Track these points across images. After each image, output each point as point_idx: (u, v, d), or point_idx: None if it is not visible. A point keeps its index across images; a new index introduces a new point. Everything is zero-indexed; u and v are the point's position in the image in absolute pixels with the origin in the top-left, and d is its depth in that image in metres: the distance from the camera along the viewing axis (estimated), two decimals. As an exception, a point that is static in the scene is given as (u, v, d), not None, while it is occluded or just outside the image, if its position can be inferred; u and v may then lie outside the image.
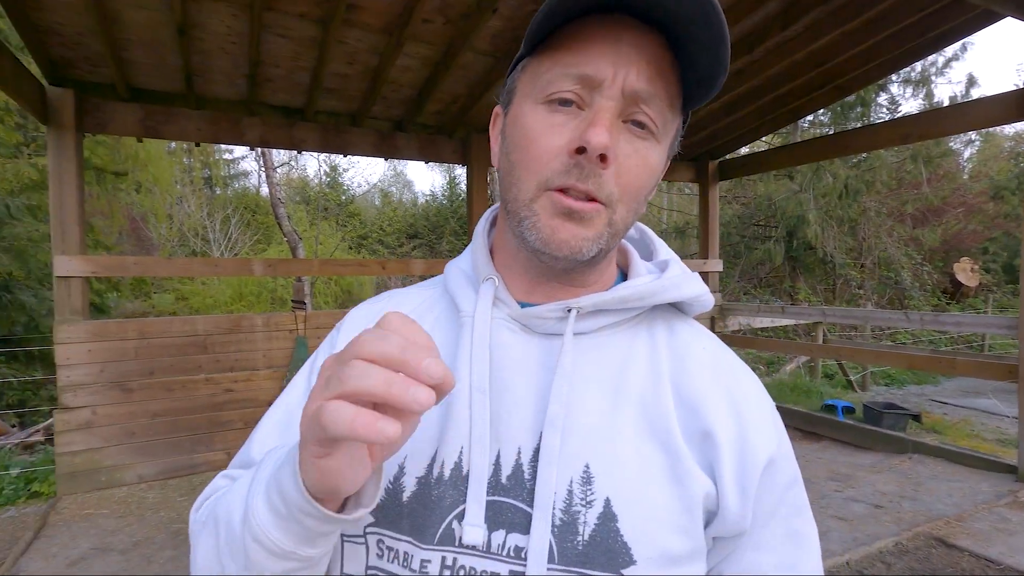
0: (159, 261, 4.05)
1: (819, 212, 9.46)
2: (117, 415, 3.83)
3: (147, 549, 3.11)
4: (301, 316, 4.37)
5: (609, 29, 0.50)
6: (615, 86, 0.49)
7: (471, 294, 0.59)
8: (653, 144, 0.52)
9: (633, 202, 0.53)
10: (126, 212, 16.47)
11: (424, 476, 0.53)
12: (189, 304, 15.76)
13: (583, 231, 0.51)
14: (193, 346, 4.04)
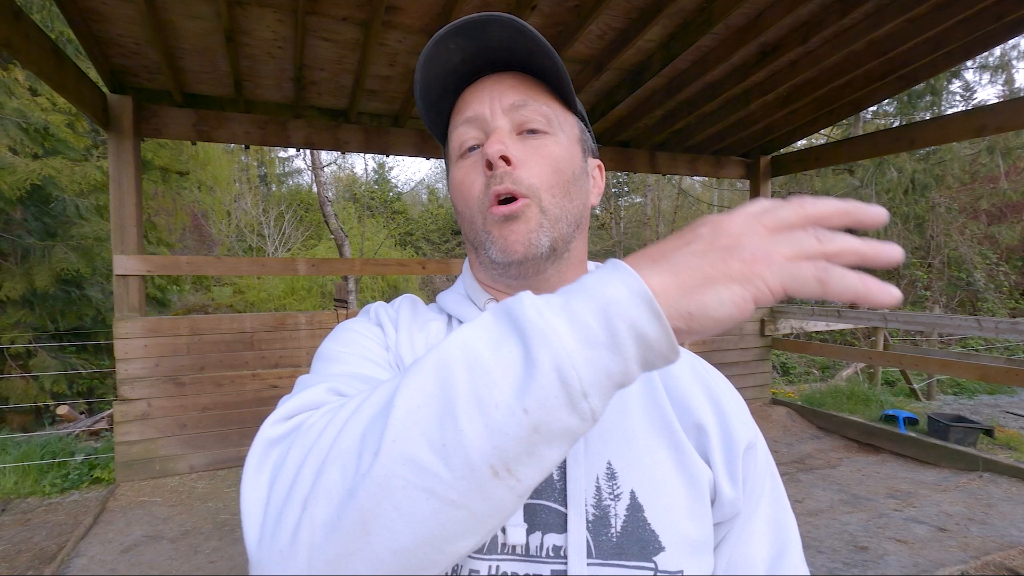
0: (209, 260, 4.20)
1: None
2: (170, 407, 4.01)
3: (194, 539, 3.24)
4: (343, 314, 4.44)
5: (475, 85, 0.63)
6: (495, 112, 0.61)
7: (477, 314, 0.64)
8: (549, 138, 0.62)
9: (555, 187, 0.61)
10: (189, 210, 17.38)
11: None
12: (245, 298, 16.48)
13: (524, 226, 0.59)
14: (240, 343, 4.18)
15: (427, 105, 0.64)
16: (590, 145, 0.69)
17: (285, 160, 23.43)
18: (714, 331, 0.38)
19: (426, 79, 0.62)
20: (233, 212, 20.07)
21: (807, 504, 3.80)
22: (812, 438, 5.36)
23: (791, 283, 0.37)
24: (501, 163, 0.58)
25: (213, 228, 19.43)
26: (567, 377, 0.35)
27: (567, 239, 0.62)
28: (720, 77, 4.56)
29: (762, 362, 6.20)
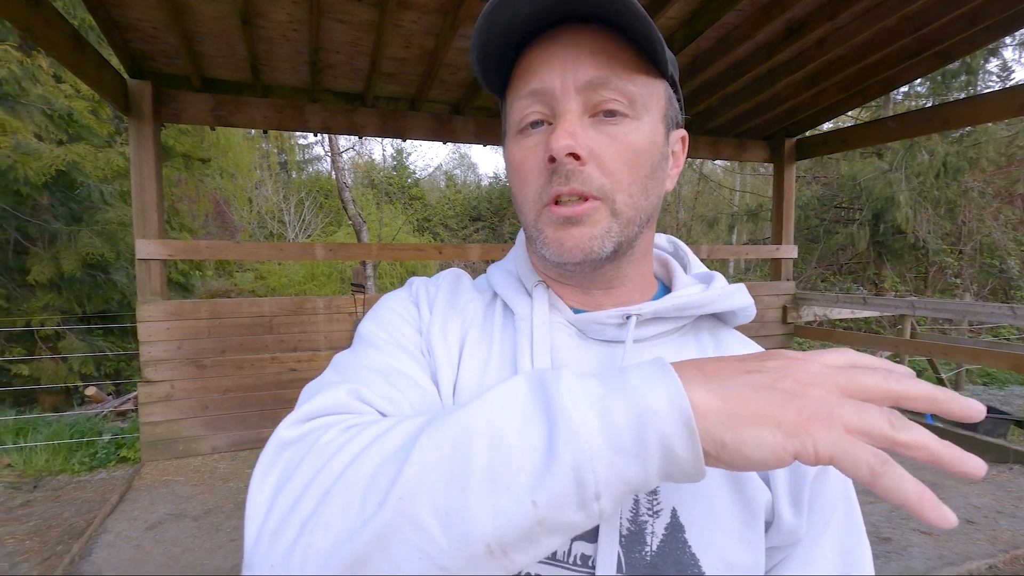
0: (229, 245, 4.25)
1: (911, 193, 8.61)
2: (192, 390, 4.08)
3: (216, 517, 3.31)
4: (360, 299, 4.46)
5: (545, 45, 0.53)
6: (567, 90, 0.51)
7: (524, 298, 0.61)
8: (630, 123, 0.53)
9: (632, 185, 0.53)
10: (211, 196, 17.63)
11: None
12: (266, 283, 16.72)
13: (587, 231, 0.53)
14: (260, 326, 4.23)
15: (485, 61, 0.55)
16: (676, 114, 0.59)
17: (305, 147, 23.62)
18: (742, 469, 0.36)
19: (488, 30, 0.52)
20: (254, 199, 20.34)
21: (828, 494, 3.73)
22: (834, 427, 5.26)
23: (842, 458, 0.34)
24: (569, 160, 0.51)
25: (235, 215, 19.72)
26: (584, 478, 0.34)
27: (634, 239, 0.56)
28: (744, 55, 4.42)
29: (784, 350, 6.08)
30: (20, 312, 5.25)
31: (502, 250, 5.01)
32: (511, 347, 0.58)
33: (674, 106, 0.58)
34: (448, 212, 23.09)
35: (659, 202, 0.58)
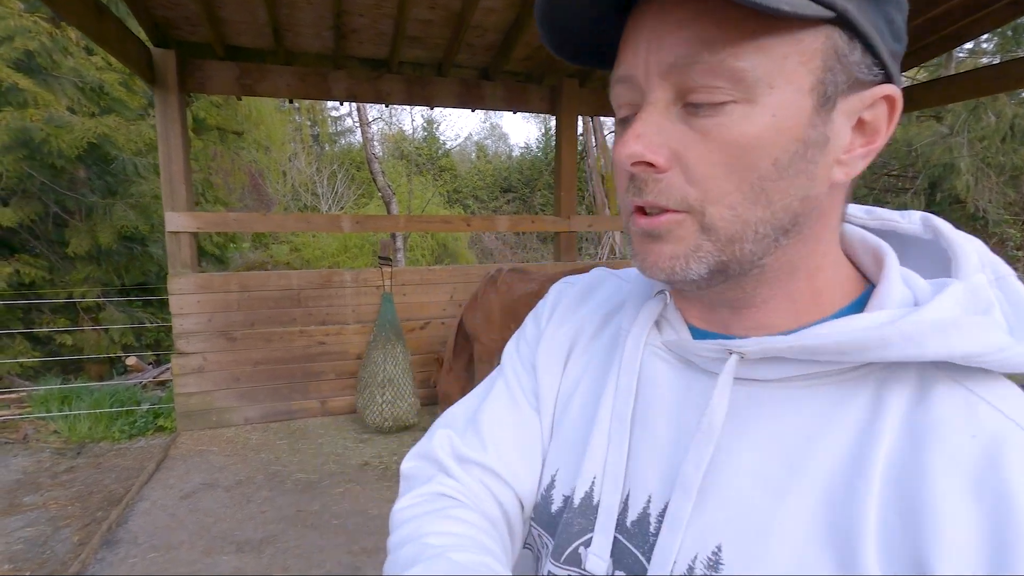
0: (256, 217, 4.22)
1: (973, 159, 7.98)
2: (224, 362, 4.12)
3: (247, 488, 3.35)
4: (387, 272, 4.40)
5: (637, 16, 0.42)
6: (650, 74, 0.41)
7: (637, 305, 0.55)
8: (735, 111, 0.39)
9: (734, 194, 0.41)
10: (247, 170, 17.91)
11: (567, 495, 0.54)
12: (301, 255, 17.00)
13: (667, 248, 0.44)
14: (288, 299, 4.22)
15: (558, 32, 0.45)
16: (854, 71, 0.40)
17: (337, 119, 23.72)
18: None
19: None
20: (288, 172, 20.60)
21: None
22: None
23: None
24: (641, 169, 0.42)
25: (270, 188, 20.02)
26: None
27: (754, 256, 0.42)
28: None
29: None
30: (63, 284, 5.40)
31: (532, 222, 4.85)
32: (611, 361, 0.55)
33: (850, 60, 0.39)
34: (478, 183, 22.88)
35: (809, 205, 0.42)
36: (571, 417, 0.57)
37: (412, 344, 4.49)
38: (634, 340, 0.53)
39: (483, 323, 3.79)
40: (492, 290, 3.79)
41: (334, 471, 3.59)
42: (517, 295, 3.62)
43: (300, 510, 3.10)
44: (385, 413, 4.03)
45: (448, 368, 4.12)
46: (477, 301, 3.86)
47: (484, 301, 3.80)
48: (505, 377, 0.63)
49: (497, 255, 18.26)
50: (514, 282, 3.74)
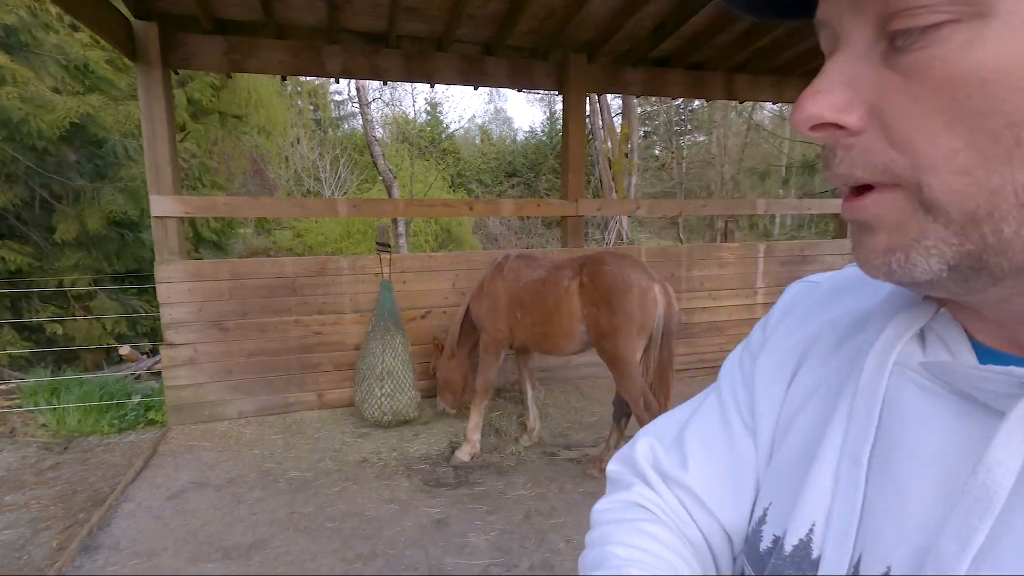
0: (247, 201, 4.00)
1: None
2: (216, 353, 3.94)
3: (239, 487, 3.18)
4: (386, 259, 4.19)
5: None
6: (840, 13, 0.33)
7: (891, 312, 0.42)
8: (953, 34, 0.28)
9: (962, 153, 0.29)
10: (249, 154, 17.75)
11: (778, 536, 0.45)
12: (304, 241, 16.85)
13: (880, 239, 0.34)
14: (282, 288, 4.02)
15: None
16: None
17: (340, 103, 23.47)
18: None
19: None
20: (290, 157, 20.43)
21: None
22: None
23: None
24: (824, 133, 0.34)
25: (272, 173, 19.88)
26: None
27: (1011, 244, 0.30)
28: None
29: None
30: (52, 271, 5.22)
31: (537, 206, 4.62)
32: (847, 382, 0.43)
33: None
34: (482, 167, 22.58)
35: None
36: (791, 445, 0.48)
37: (412, 334, 4.30)
38: (877, 357, 0.41)
39: (488, 312, 3.58)
40: (499, 277, 3.58)
41: (330, 469, 3.41)
42: (523, 282, 3.41)
43: (293, 512, 2.92)
44: (384, 407, 3.85)
45: (450, 354, 3.92)
46: (484, 289, 3.65)
47: (491, 289, 3.59)
48: (719, 392, 0.57)
49: (502, 241, 18.03)
50: (520, 269, 3.52)
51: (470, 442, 3.74)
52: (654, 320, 2.99)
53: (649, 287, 2.97)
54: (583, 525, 3.02)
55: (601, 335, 3.02)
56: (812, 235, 10.90)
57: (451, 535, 2.72)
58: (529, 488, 3.21)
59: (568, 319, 3.16)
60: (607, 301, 2.97)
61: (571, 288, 3.14)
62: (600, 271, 3.03)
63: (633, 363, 2.98)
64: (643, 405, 2.94)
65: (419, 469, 3.43)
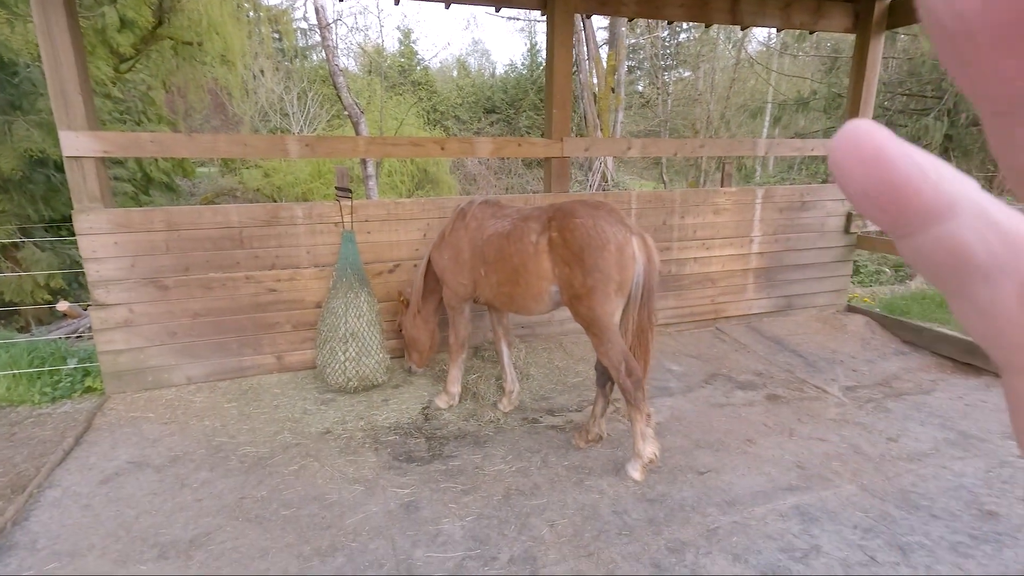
0: (179, 139, 3.42)
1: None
2: (155, 314, 3.49)
3: (183, 467, 2.83)
4: (347, 207, 3.71)
5: None
6: None
7: None
8: None
9: None
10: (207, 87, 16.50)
11: None
12: (272, 181, 15.96)
13: None
14: (228, 240, 3.53)
15: None
16: None
17: (306, 32, 21.87)
18: None
19: None
20: (255, 90, 19.11)
21: (904, 444, 3.14)
22: (897, 354, 4.61)
23: None
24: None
25: (236, 107, 18.64)
26: None
27: None
28: None
29: (842, 263, 5.29)
30: (-33, 218, 4.61)
31: (518, 145, 4.12)
32: None
33: None
34: (458, 103, 21.44)
35: None
36: None
37: (379, 291, 3.89)
38: None
39: (450, 264, 3.19)
40: (461, 226, 3.16)
41: (289, 443, 3.08)
42: (487, 235, 3.00)
43: (244, 497, 2.60)
44: (349, 372, 3.48)
45: (415, 310, 3.55)
46: (445, 238, 3.24)
47: (453, 239, 3.18)
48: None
49: (481, 181, 17.32)
50: (485, 218, 3.10)
51: (449, 394, 3.46)
52: (633, 278, 2.63)
53: (627, 241, 2.59)
54: (569, 506, 2.78)
55: (575, 297, 2.66)
56: (803, 178, 10.55)
57: (422, 522, 2.43)
58: (509, 462, 2.93)
59: (537, 279, 2.79)
60: (580, 259, 2.58)
61: (539, 245, 2.74)
62: (571, 225, 2.62)
63: (612, 326, 2.64)
64: (624, 371, 2.63)
65: (388, 441, 3.11)
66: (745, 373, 4.16)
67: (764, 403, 3.67)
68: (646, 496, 2.63)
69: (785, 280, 5.12)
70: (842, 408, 3.61)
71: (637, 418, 2.67)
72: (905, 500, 2.60)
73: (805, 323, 5.17)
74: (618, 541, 2.31)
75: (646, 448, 2.68)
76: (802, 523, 2.43)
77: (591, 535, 2.35)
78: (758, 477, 2.80)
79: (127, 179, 7.07)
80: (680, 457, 2.98)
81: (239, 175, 17.44)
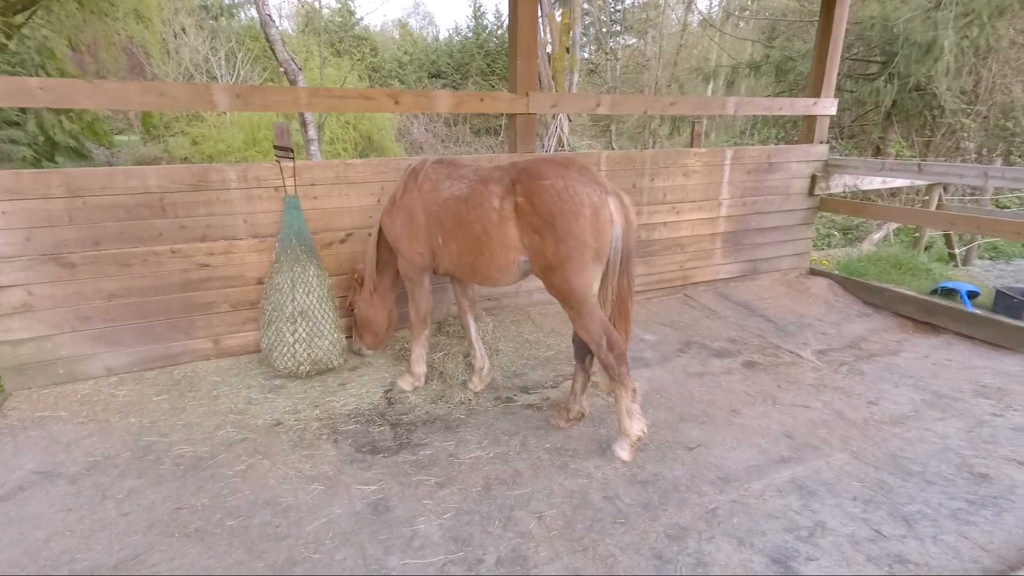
0: (77, 86, 2.84)
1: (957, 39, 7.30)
2: (61, 296, 2.97)
3: (104, 475, 2.41)
4: (288, 168, 3.26)
5: None
6: None
7: None
8: None
9: None
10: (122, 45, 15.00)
11: None
12: (201, 149, 14.71)
13: None
14: (147, 208, 3.03)
15: None
16: None
17: (230, -12, 20.27)
18: None
19: None
20: (177, 50, 17.61)
21: (884, 407, 3.09)
22: (860, 315, 4.63)
23: None
24: None
25: (156, 68, 17.12)
26: None
27: None
28: None
29: (805, 227, 5.26)
30: None
31: (480, 100, 3.75)
32: None
33: None
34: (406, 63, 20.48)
35: None
36: None
37: (330, 263, 3.48)
38: None
39: (404, 231, 2.84)
40: (414, 188, 2.82)
41: (232, 438, 2.70)
42: (443, 198, 2.66)
43: (180, 507, 2.22)
44: (299, 355, 3.11)
45: (371, 288, 3.19)
46: (396, 203, 2.88)
47: (405, 203, 2.83)
48: None
49: (428, 149, 16.64)
50: (440, 180, 2.76)
51: (413, 375, 3.15)
52: (611, 243, 2.37)
53: (602, 203, 2.31)
54: (555, 494, 2.54)
55: (548, 268, 2.37)
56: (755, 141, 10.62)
57: (394, 523, 2.15)
58: (485, 447, 2.67)
59: (502, 249, 2.48)
60: (551, 226, 2.28)
61: (504, 210, 2.43)
62: (539, 188, 2.31)
63: (590, 297, 2.38)
64: (606, 345, 2.39)
65: (348, 431, 2.79)
66: (719, 340, 4.05)
67: (742, 370, 3.56)
68: (637, 477, 2.44)
69: (751, 244, 5.03)
70: (818, 373, 3.55)
71: (622, 394, 2.45)
72: (897, 466, 2.53)
73: (770, 287, 5.13)
74: (614, 531, 2.11)
75: (633, 426, 2.48)
76: (801, 498, 2.30)
77: (584, 526, 2.14)
78: (749, 450, 2.66)
79: (27, 143, 6.19)
80: (666, 432, 2.81)
81: (164, 142, 16.10)
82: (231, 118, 15.39)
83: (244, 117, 14.34)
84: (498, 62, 19.87)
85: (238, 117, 14.81)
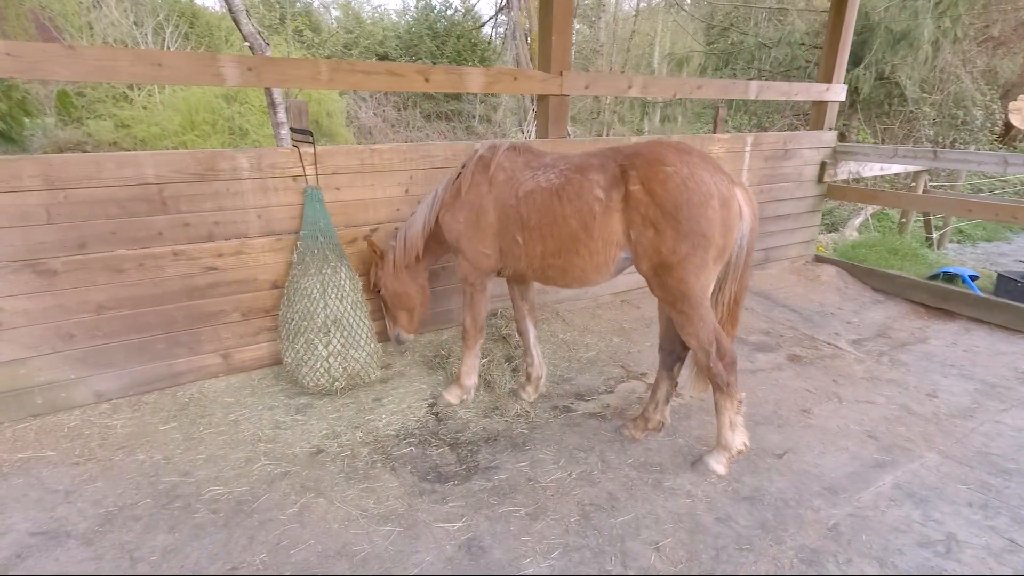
0: (52, 52, 2.28)
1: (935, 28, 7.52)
2: (39, 311, 2.45)
3: (126, 532, 1.97)
4: (308, 154, 2.82)
5: None
6: None
7: None
8: None
9: None
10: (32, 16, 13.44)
11: None
12: (132, 133, 13.38)
13: None
14: (143, 201, 2.54)
15: None
16: None
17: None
18: None
19: None
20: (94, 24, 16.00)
21: (946, 400, 3.05)
22: (874, 303, 4.65)
23: None
24: None
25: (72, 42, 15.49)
26: None
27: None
28: None
29: (813, 214, 5.25)
30: None
31: (513, 79, 3.42)
32: None
33: None
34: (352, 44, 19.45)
35: None
36: None
37: (353, 264, 3.08)
38: None
39: (469, 230, 2.50)
40: (483, 180, 2.47)
41: (271, 473, 2.30)
42: (525, 190, 2.33)
43: (235, 567, 1.84)
44: (334, 370, 2.72)
45: (399, 265, 2.83)
46: (461, 196, 2.52)
47: (472, 197, 2.48)
48: None
49: (377, 135, 15.88)
50: (518, 169, 2.43)
51: (463, 387, 2.82)
52: (736, 240, 2.15)
53: (731, 195, 2.09)
54: (663, 519, 2.29)
55: (661, 267, 2.11)
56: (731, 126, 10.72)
57: (496, 567, 1.86)
58: (564, 467, 2.40)
59: (604, 246, 2.20)
60: (674, 219, 2.02)
61: (612, 201, 2.14)
62: (660, 175, 2.05)
63: (705, 301, 2.15)
64: (716, 353, 2.17)
65: (403, 456, 2.45)
66: (754, 333, 3.93)
67: (791, 365, 3.45)
68: (740, 493, 2.25)
69: (764, 232, 4.96)
70: (863, 365, 3.49)
71: (728, 406, 2.25)
72: (991, 464, 2.46)
73: (780, 275, 5.09)
74: (743, 560, 1.90)
75: (736, 439, 2.28)
76: (916, 507, 2.18)
77: (709, 556, 1.92)
78: (839, 454, 2.53)
79: (-59, 125, 5.29)
80: (748, 439, 2.63)
81: (85, 126, 14.58)
82: (163, 99, 14.11)
83: (179, 98, 13.11)
84: (447, 44, 19.20)
85: (171, 98, 13.56)
